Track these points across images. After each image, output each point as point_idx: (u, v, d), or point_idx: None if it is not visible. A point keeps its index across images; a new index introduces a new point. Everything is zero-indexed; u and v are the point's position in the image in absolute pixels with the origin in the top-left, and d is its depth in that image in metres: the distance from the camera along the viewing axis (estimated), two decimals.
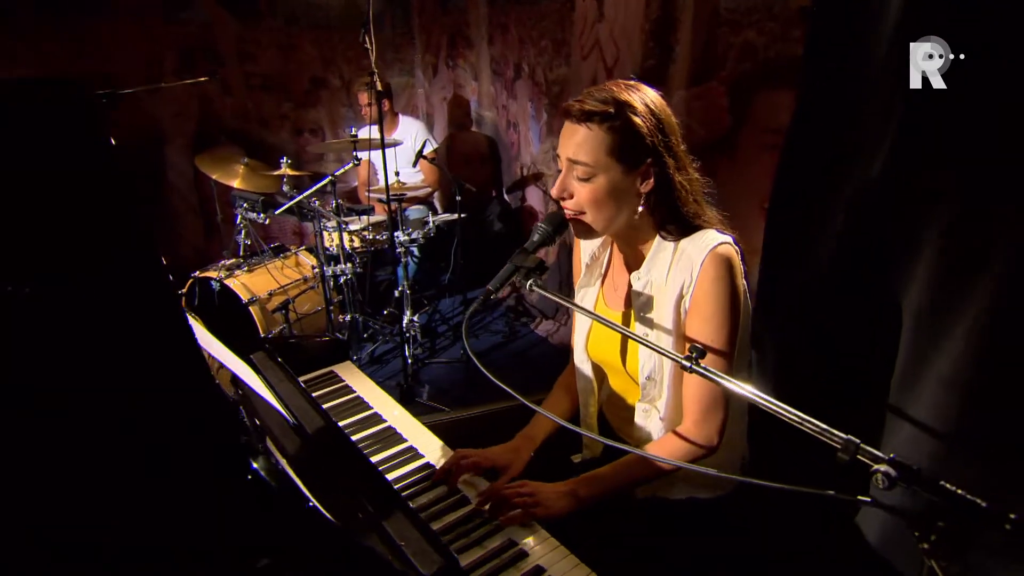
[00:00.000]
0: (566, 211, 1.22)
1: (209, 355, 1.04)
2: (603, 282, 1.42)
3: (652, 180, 1.19)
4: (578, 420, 1.51)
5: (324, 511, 0.71)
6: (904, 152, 1.42)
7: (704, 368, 0.87)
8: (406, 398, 2.96)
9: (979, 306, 1.21)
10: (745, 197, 2.32)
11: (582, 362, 1.47)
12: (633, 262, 1.32)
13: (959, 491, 0.64)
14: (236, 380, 1.09)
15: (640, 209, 1.21)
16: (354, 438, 1.37)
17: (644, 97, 1.18)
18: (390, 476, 1.25)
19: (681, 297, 1.23)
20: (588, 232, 1.23)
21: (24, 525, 0.71)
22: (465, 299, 3.73)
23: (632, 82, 1.21)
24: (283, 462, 0.82)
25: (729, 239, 1.23)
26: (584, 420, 1.49)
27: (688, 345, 1.23)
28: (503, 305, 4.11)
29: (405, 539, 0.78)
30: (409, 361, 3.14)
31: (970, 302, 1.24)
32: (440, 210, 4.41)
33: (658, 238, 1.26)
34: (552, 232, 1.18)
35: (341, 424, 1.41)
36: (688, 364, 0.89)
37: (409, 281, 3.38)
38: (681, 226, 1.24)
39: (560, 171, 1.22)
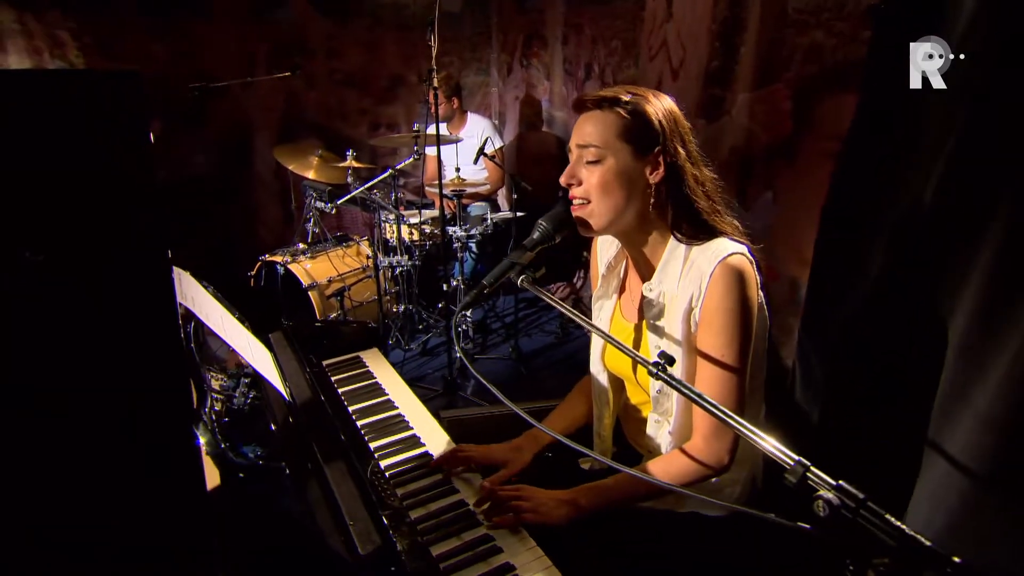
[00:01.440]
0: (573, 199, 1.20)
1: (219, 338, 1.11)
2: (620, 294, 1.40)
3: (662, 170, 1.16)
4: (590, 426, 1.49)
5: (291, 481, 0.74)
6: (962, 169, 1.31)
7: (670, 376, 0.84)
8: (450, 391, 3.01)
9: (1018, 343, 1.10)
10: (804, 206, 2.20)
11: (598, 372, 1.45)
12: (646, 271, 1.29)
13: (906, 528, 0.59)
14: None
15: (651, 203, 1.18)
16: (362, 422, 1.41)
17: (659, 96, 1.18)
18: (386, 461, 1.28)
19: (691, 309, 1.19)
20: (590, 227, 1.20)
21: (23, 525, 0.76)
22: (518, 298, 3.74)
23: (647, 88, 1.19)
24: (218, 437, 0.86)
25: (743, 248, 1.18)
26: (598, 430, 1.47)
27: (679, 356, 1.20)
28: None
29: (355, 518, 0.81)
30: (457, 355, 3.20)
31: (1010, 338, 1.13)
32: (505, 208, 4.44)
33: (671, 242, 1.22)
34: (552, 230, 1.17)
35: (353, 408, 1.46)
36: (654, 371, 0.86)
37: (466, 276, 3.44)
38: (692, 223, 1.19)
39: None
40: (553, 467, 1.42)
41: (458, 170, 3.38)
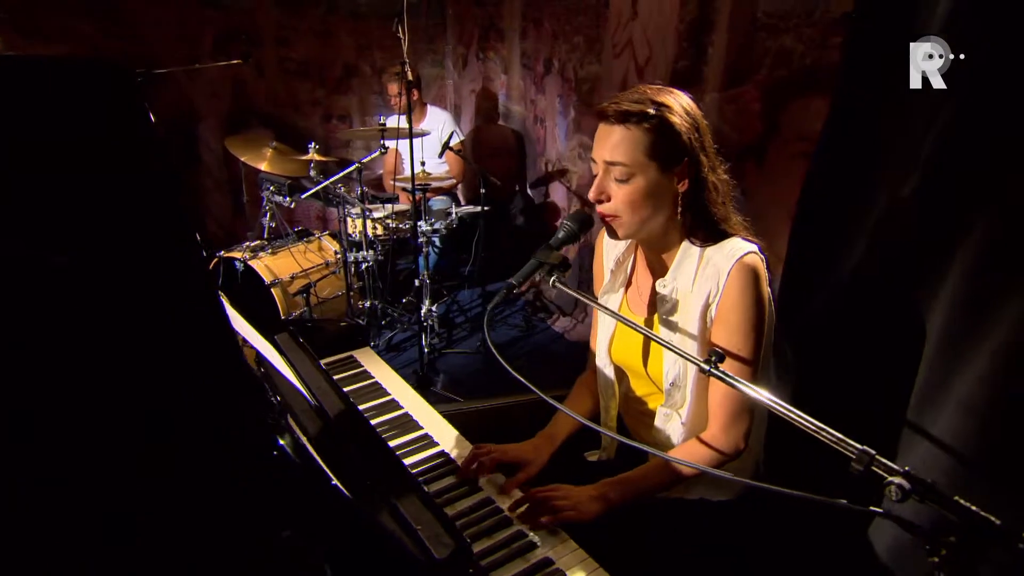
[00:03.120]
0: (601, 214, 1.22)
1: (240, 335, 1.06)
2: (627, 289, 1.43)
3: (688, 181, 1.19)
4: (598, 421, 1.52)
5: (345, 490, 0.73)
6: (939, 168, 1.40)
7: (723, 372, 0.88)
8: (422, 386, 2.99)
9: (1003, 333, 1.20)
10: (773, 204, 2.30)
11: (604, 365, 1.47)
12: (658, 268, 1.32)
13: (973, 507, 0.65)
14: (259, 359, 1.12)
15: (677, 212, 1.22)
16: (372, 423, 1.39)
17: (678, 98, 1.19)
18: (406, 462, 1.27)
19: (707, 306, 1.23)
20: (618, 233, 1.23)
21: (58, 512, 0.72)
22: (484, 291, 3.75)
23: (663, 86, 1.21)
24: (304, 439, 0.84)
25: (755, 248, 1.23)
26: (604, 422, 1.50)
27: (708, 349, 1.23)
28: (521, 300, 4.12)
29: (421, 523, 0.80)
30: (426, 350, 3.18)
31: (993, 328, 1.22)
32: (463, 202, 4.43)
33: (685, 244, 1.26)
34: (577, 230, 1.19)
35: (360, 408, 1.44)
36: (707, 368, 0.89)
37: (430, 271, 3.41)
38: (708, 230, 1.24)
39: (596, 175, 1.21)
40: (558, 461, 1.44)
41: (423, 164, 3.34)
